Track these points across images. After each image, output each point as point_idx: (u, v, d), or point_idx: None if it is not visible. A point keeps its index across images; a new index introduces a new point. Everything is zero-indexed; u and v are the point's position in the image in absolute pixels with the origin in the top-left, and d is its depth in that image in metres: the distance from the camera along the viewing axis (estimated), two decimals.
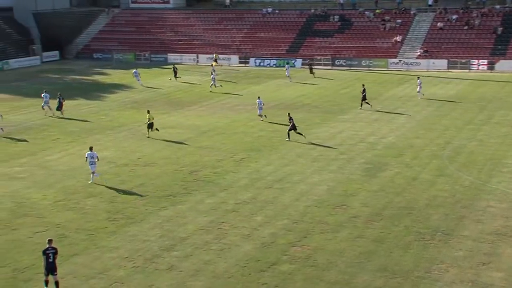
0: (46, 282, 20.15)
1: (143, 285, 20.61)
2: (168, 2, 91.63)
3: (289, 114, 39.68)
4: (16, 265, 22.07)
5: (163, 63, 77.62)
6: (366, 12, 78.81)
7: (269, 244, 23.56)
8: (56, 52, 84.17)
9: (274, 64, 74.47)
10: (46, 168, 33.93)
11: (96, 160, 31.04)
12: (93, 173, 31.06)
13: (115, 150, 37.43)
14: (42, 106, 48.36)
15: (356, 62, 71.45)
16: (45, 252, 20.11)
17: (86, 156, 31.26)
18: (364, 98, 47.85)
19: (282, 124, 42.28)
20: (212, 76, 58.81)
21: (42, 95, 48.83)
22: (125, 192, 29.70)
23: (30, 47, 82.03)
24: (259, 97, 45.48)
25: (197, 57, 78.50)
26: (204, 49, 79.70)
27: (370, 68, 70.42)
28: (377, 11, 78.71)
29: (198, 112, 47.53)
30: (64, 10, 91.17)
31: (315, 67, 67.70)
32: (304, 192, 29.27)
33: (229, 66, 71.17)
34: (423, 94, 51.84)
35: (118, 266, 21.97)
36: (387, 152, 35.80)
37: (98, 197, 29.03)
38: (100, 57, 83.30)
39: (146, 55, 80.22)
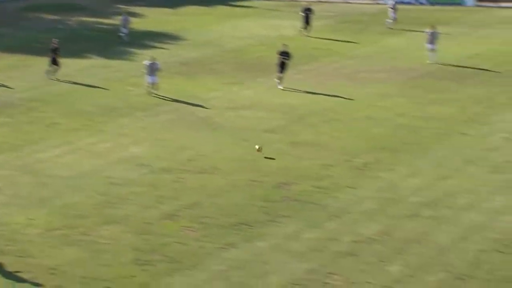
0: None
1: None
2: None
3: None
4: None
5: None
6: None
7: None
8: None
9: None
10: (35, 173, 34.72)
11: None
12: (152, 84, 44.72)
13: (150, 145, 37.95)
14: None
15: None
16: None
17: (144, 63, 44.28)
18: None
19: (443, 105, 41.83)
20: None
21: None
22: (165, 217, 29.97)
23: None
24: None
25: None
26: None
27: None
28: None
29: (293, 82, 47.46)
30: None
31: None
32: (477, 226, 28.81)
33: None
34: None
35: None
36: None
37: (122, 224, 29.28)
38: None
39: None
